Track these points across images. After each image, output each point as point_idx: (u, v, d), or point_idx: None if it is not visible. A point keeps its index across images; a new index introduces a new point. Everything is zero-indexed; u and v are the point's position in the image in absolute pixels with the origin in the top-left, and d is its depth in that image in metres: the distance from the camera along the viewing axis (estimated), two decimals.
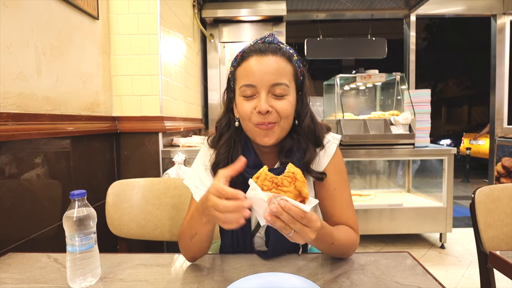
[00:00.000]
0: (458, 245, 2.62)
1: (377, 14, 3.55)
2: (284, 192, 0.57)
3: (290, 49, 0.79)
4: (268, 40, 0.79)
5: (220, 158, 0.81)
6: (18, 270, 0.75)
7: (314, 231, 0.57)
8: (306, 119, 0.81)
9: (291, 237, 0.58)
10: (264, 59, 0.74)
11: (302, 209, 0.54)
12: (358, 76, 2.85)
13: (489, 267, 0.97)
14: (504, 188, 1.05)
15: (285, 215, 0.54)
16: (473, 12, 3.46)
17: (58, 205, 1.24)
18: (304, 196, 0.58)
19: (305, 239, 0.58)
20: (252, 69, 0.74)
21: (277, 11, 2.88)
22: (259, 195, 0.56)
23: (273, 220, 0.55)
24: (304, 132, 0.80)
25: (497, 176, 3.29)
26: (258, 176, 0.59)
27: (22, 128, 1.05)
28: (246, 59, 0.76)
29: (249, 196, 0.57)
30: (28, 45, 1.11)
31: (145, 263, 0.78)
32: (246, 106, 0.75)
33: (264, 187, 0.58)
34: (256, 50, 0.75)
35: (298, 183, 0.58)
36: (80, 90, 1.43)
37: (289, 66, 0.76)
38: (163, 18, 1.84)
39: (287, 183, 0.58)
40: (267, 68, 0.73)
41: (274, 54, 0.75)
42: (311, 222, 0.56)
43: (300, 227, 0.56)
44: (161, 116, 1.79)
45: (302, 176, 0.59)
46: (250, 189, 0.57)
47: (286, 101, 0.75)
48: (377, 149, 2.51)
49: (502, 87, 3.42)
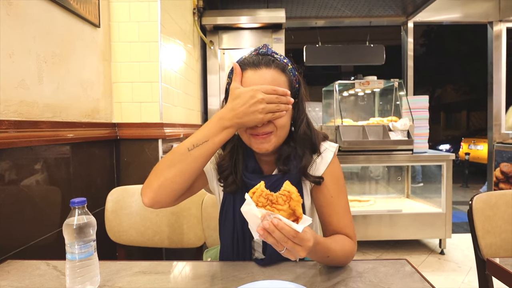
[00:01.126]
0: (457, 251, 2.61)
1: (375, 21, 3.59)
2: (278, 210, 0.58)
3: (284, 59, 0.81)
4: (262, 52, 0.80)
5: (225, 165, 0.84)
6: (17, 278, 0.75)
7: (305, 250, 0.58)
8: (302, 125, 0.82)
9: (283, 253, 0.59)
10: (258, 73, 0.76)
11: (294, 229, 0.56)
12: (356, 83, 2.87)
13: (487, 274, 0.98)
14: (502, 194, 1.06)
15: (277, 233, 0.56)
16: (469, 19, 3.50)
17: (57, 211, 1.24)
18: (298, 216, 0.59)
19: (296, 257, 0.60)
20: (247, 83, 0.75)
21: (276, 18, 2.91)
22: (253, 211, 0.57)
23: (266, 235, 0.57)
24: (300, 138, 0.81)
25: (495, 181, 3.29)
26: (254, 191, 0.60)
27: (22, 136, 1.05)
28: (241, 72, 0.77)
29: (243, 210, 0.59)
30: (30, 53, 1.12)
31: (144, 270, 0.78)
32: None
33: (259, 203, 0.59)
34: (250, 64, 0.77)
35: (293, 202, 0.59)
36: (81, 97, 1.44)
37: (283, 77, 0.78)
38: (164, 26, 1.86)
39: (282, 201, 0.59)
40: (261, 81, 0.74)
41: (267, 67, 0.76)
42: (303, 241, 0.57)
43: (291, 245, 0.57)
44: (161, 123, 1.80)
45: (297, 195, 0.60)
46: (245, 203, 0.59)
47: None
48: (376, 155, 2.52)
49: (500, 93, 3.44)
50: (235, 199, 0.83)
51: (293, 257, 0.60)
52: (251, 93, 0.68)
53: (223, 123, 0.70)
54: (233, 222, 0.83)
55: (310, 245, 0.58)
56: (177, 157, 0.72)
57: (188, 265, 0.81)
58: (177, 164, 0.72)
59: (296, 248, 0.57)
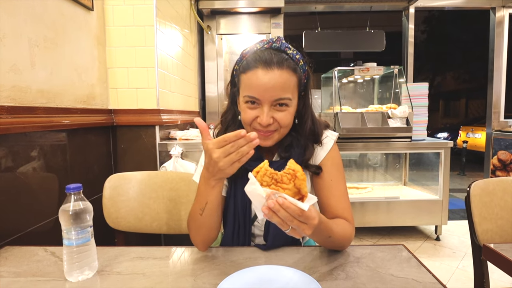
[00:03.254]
0: (453, 237, 2.65)
1: (376, 6, 3.51)
2: (283, 189, 0.57)
3: (297, 54, 0.79)
4: (275, 46, 0.78)
5: None
6: (15, 264, 0.75)
7: (311, 227, 0.57)
8: (307, 120, 0.83)
9: (288, 232, 0.59)
10: (269, 74, 0.74)
11: (300, 207, 0.54)
12: (356, 69, 2.84)
13: (482, 259, 0.99)
14: (499, 181, 1.06)
15: (282, 212, 0.54)
16: (472, 4, 3.43)
17: (54, 198, 1.24)
18: (303, 194, 0.58)
19: (301, 235, 0.59)
20: (257, 83, 0.74)
21: (275, 2, 2.85)
22: (258, 190, 0.56)
23: (270, 214, 0.56)
24: (305, 132, 0.83)
25: (492, 169, 3.31)
26: (258, 170, 0.58)
27: (17, 121, 1.04)
28: (252, 69, 0.75)
29: (247, 190, 0.57)
30: (21, 37, 1.09)
31: (142, 256, 0.78)
32: (248, 114, 0.77)
33: (264, 182, 0.57)
34: (262, 61, 0.74)
35: (298, 180, 0.57)
36: (75, 82, 1.42)
37: (293, 78, 0.77)
38: (159, 10, 1.82)
39: (286, 180, 0.57)
40: (272, 83, 0.74)
41: (279, 68, 0.74)
42: (308, 219, 0.57)
43: (297, 224, 0.56)
44: (158, 109, 1.78)
45: (302, 173, 0.58)
46: (249, 183, 0.57)
47: (287, 112, 0.78)
48: (375, 142, 2.51)
49: (500, 80, 3.41)
50: (236, 187, 0.83)
51: (298, 236, 0.59)
52: (208, 154, 0.66)
53: (209, 182, 0.71)
54: (234, 210, 0.83)
55: (316, 223, 0.57)
56: (198, 221, 0.77)
57: (186, 251, 0.81)
58: (201, 226, 0.78)
59: (302, 227, 0.57)
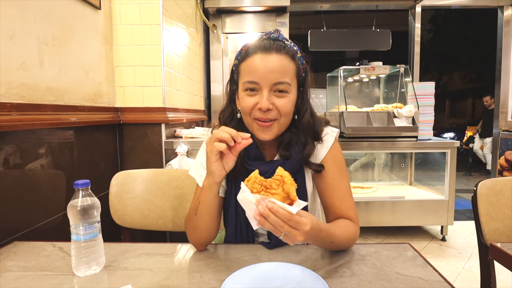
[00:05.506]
0: (459, 238, 2.63)
1: (382, 5, 3.49)
2: (272, 195, 0.59)
3: (294, 46, 0.80)
4: (273, 37, 0.79)
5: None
6: (24, 258, 0.76)
7: (302, 234, 0.57)
8: (306, 115, 0.82)
9: (282, 239, 0.59)
10: (269, 57, 0.75)
11: (288, 211, 0.55)
12: (361, 68, 2.83)
13: (489, 259, 0.98)
14: (506, 181, 1.05)
15: (272, 217, 0.55)
16: (480, 3, 3.39)
17: (62, 195, 1.25)
18: (292, 199, 0.59)
19: (294, 241, 0.59)
20: (256, 67, 0.75)
21: (281, 1, 2.84)
22: (248, 197, 0.58)
23: (262, 221, 0.57)
24: (303, 127, 0.82)
25: (499, 169, 3.27)
26: (248, 179, 0.61)
27: (25, 119, 1.05)
28: (251, 55, 0.76)
29: (239, 198, 0.59)
30: (31, 35, 1.11)
31: (149, 252, 0.79)
32: (248, 101, 0.77)
33: (254, 189, 0.60)
34: (261, 47, 0.76)
35: (286, 185, 0.59)
36: (83, 80, 1.43)
37: (292, 64, 0.77)
38: (166, 8, 1.83)
39: (275, 186, 0.60)
40: (271, 66, 0.74)
41: (278, 52, 0.75)
42: (299, 225, 0.57)
43: (288, 229, 0.57)
44: (164, 107, 1.79)
45: (290, 179, 0.60)
46: (241, 191, 0.59)
47: (287, 98, 0.77)
48: (380, 141, 2.50)
49: (508, 80, 3.37)
50: (236, 187, 0.83)
51: (291, 242, 0.60)
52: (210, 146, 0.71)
53: (209, 178, 0.75)
54: (236, 210, 0.83)
55: (307, 229, 0.57)
56: (192, 221, 0.79)
57: (192, 248, 0.82)
58: (196, 226, 0.79)
59: (293, 232, 0.57)
